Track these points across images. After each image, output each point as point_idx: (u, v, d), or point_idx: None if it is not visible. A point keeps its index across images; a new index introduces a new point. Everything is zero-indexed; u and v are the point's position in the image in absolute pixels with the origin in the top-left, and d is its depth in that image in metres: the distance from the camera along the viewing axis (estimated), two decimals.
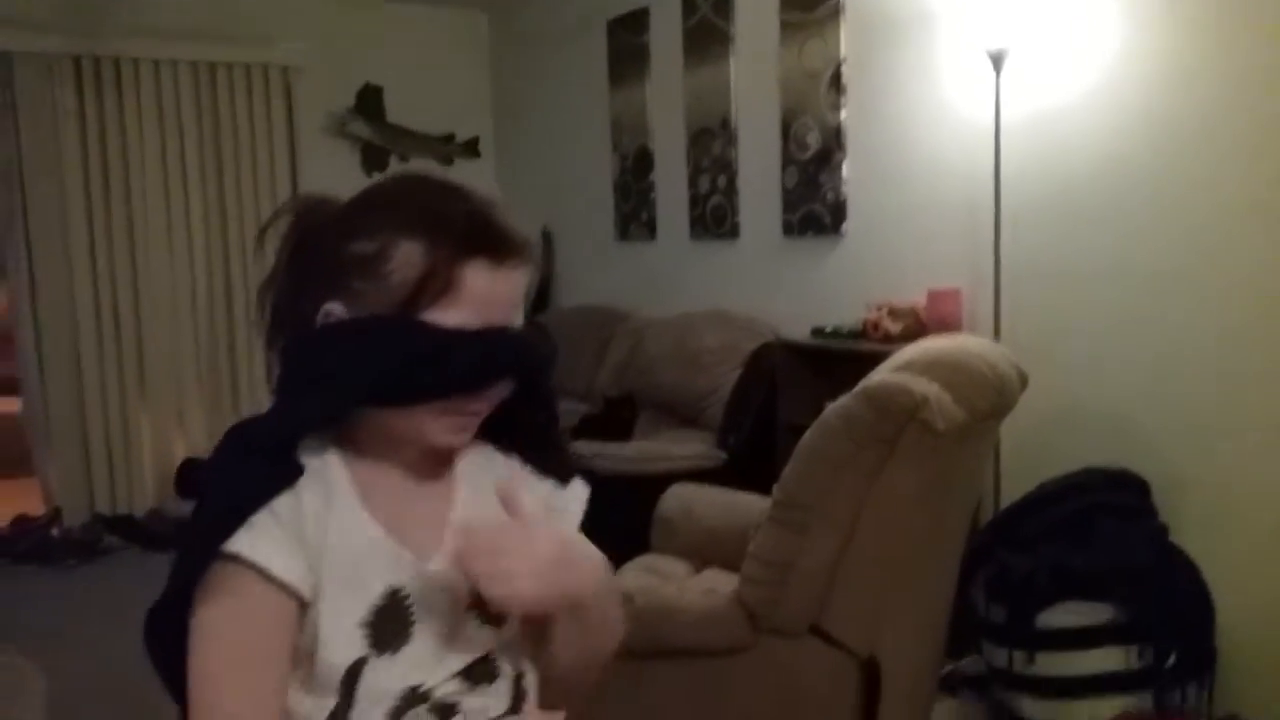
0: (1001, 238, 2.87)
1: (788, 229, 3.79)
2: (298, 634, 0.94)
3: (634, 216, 4.69)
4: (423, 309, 0.93)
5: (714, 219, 4.18)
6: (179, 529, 4.40)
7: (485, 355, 0.95)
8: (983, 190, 2.94)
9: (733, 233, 4.09)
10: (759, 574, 1.96)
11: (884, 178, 3.39)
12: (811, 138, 3.63)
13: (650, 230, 4.59)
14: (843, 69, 3.48)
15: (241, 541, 0.90)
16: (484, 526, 0.96)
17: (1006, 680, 2.43)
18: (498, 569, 0.92)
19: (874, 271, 3.43)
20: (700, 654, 2.01)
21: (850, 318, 3.31)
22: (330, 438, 0.99)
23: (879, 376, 1.98)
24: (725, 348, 3.79)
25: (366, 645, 0.96)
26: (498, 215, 0.98)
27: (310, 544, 0.93)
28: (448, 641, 1.01)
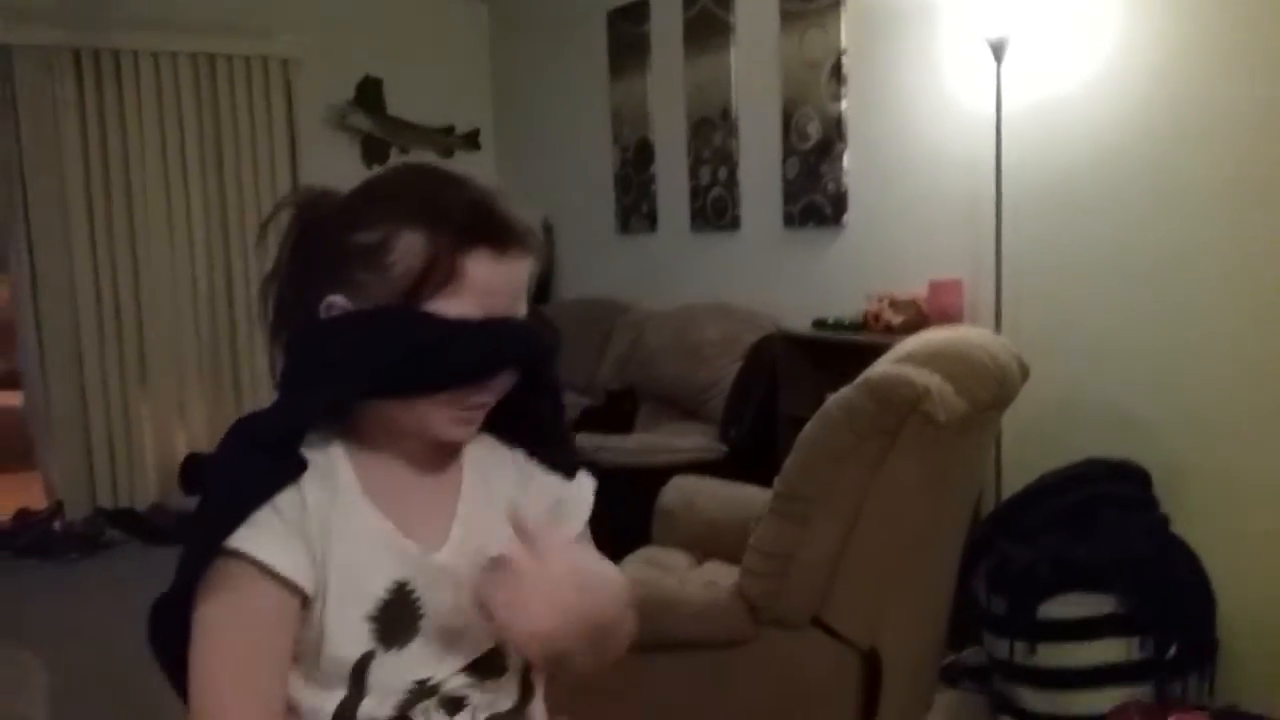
0: (1003, 228, 2.86)
1: (788, 220, 3.78)
2: (301, 629, 0.94)
3: (635, 208, 4.68)
4: (425, 300, 0.93)
5: (715, 211, 4.17)
6: (181, 522, 4.42)
7: (488, 345, 0.95)
8: (984, 180, 2.93)
9: (733, 224, 4.08)
10: (760, 566, 1.96)
11: (885, 168, 3.38)
12: (812, 128, 3.62)
13: (651, 222, 4.58)
14: (843, 59, 3.47)
15: (243, 538, 0.90)
16: (506, 558, 0.93)
17: (1007, 671, 2.43)
18: (516, 599, 0.91)
19: (875, 263, 3.43)
20: (701, 646, 2.01)
21: (851, 309, 3.31)
22: (334, 431, 0.98)
23: (880, 368, 1.98)
24: (726, 340, 3.78)
25: (373, 639, 0.95)
26: (500, 204, 0.97)
27: (314, 539, 0.93)
28: (456, 635, 1.00)
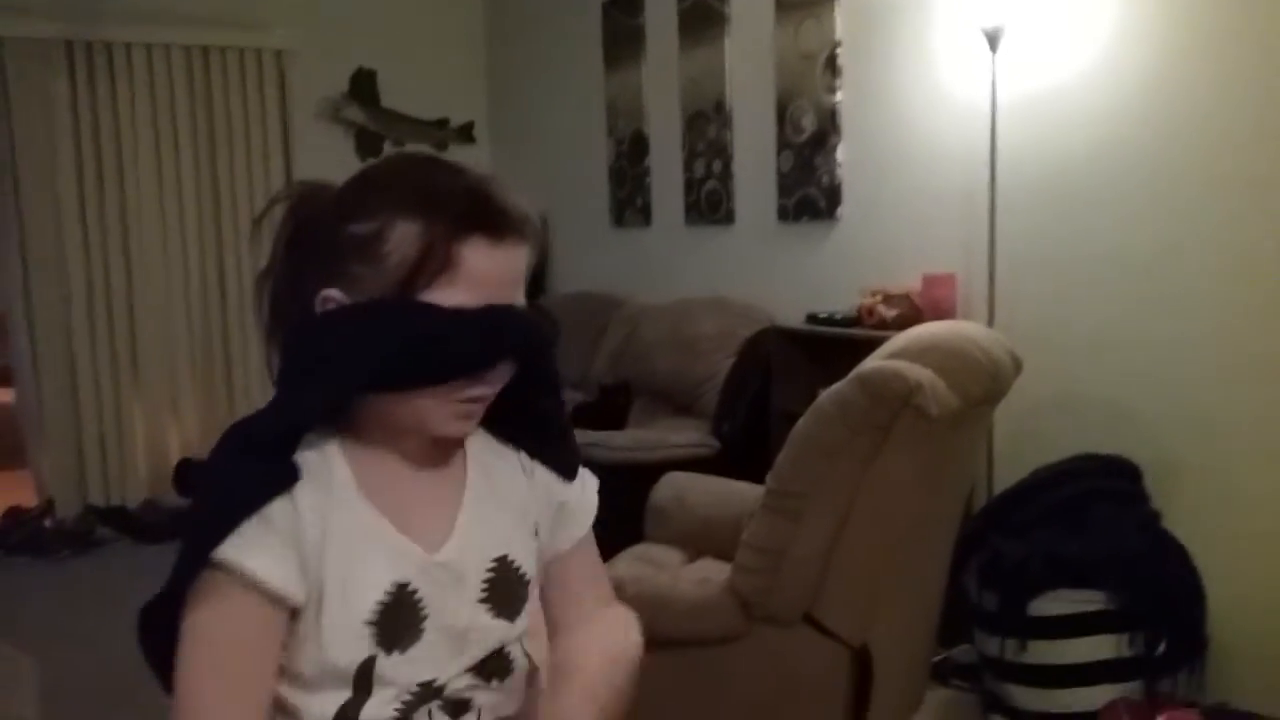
0: (997, 222, 2.85)
1: (783, 214, 3.76)
2: (298, 636, 0.92)
3: (629, 202, 4.66)
4: (421, 290, 0.91)
5: (709, 204, 4.15)
6: (173, 520, 4.41)
7: (486, 335, 0.93)
8: (978, 173, 2.92)
9: (728, 218, 4.06)
10: (753, 562, 1.95)
11: (879, 161, 3.36)
12: (807, 120, 3.61)
13: (645, 216, 4.56)
14: (838, 51, 3.45)
15: (231, 549, 0.88)
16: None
17: (998, 668, 2.42)
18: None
19: (869, 256, 3.41)
20: (694, 643, 2.01)
21: (845, 303, 3.29)
22: (331, 429, 0.97)
23: (873, 362, 1.97)
24: (721, 334, 3.77)
25: (374, 643, 0.94)
26: (496, 191, 0.95)
27: (307, 546, 0.91)
28: (460, 636, 0.99)
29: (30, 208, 4.56)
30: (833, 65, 3.47)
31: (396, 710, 0.95)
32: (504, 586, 1.03)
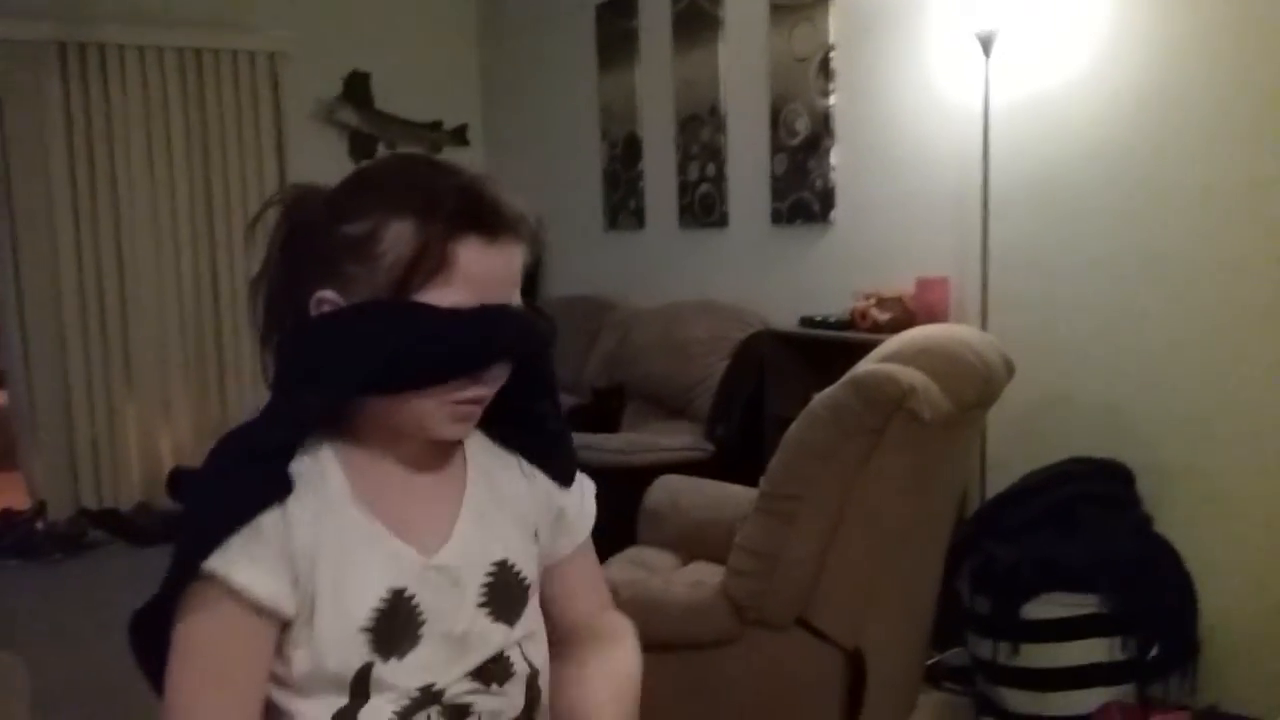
0: (989, 225, 2.85)
1: (776, 217, 3.76)
2: (291, 645, 0.92)
3: (623, 205, 4.67)
4: (416, 290, 0.90)
5: (703, 207, 4.15)
6: (165, 523, 4.40)
7: (482, 334, 0.92)
8: (971, 177, 2.92)
9: (721, 221, 4.06)
10: (746, 565, 1.95)
11: (873, 164, 3.37)
12: (800, 124, 3.61)
13: (639, 219, 4.56)
14: (832, 54, 3.45)
15: (219, 561, 0.88)
16: None
17: (991, 672, 2.43)
18: None
19: (862, 259, 3.41)
20: (687, 647, 2.01)
21: (838, 307, 3.30)
22: (326, 434, 0.96)
23: (866, 366, 1.97)
24: (714, 337, 3.77)
25: (370, 651, 0.93)
26: (490, 190, 0.95)
27: (299, 556, 0.91)
28: (459, 641, 0.98)
29: (23, 210, 4.55)
30: (826, 69, 3.47)
31: (395, 715, 0.95)
32: (503, 591, 1.02)
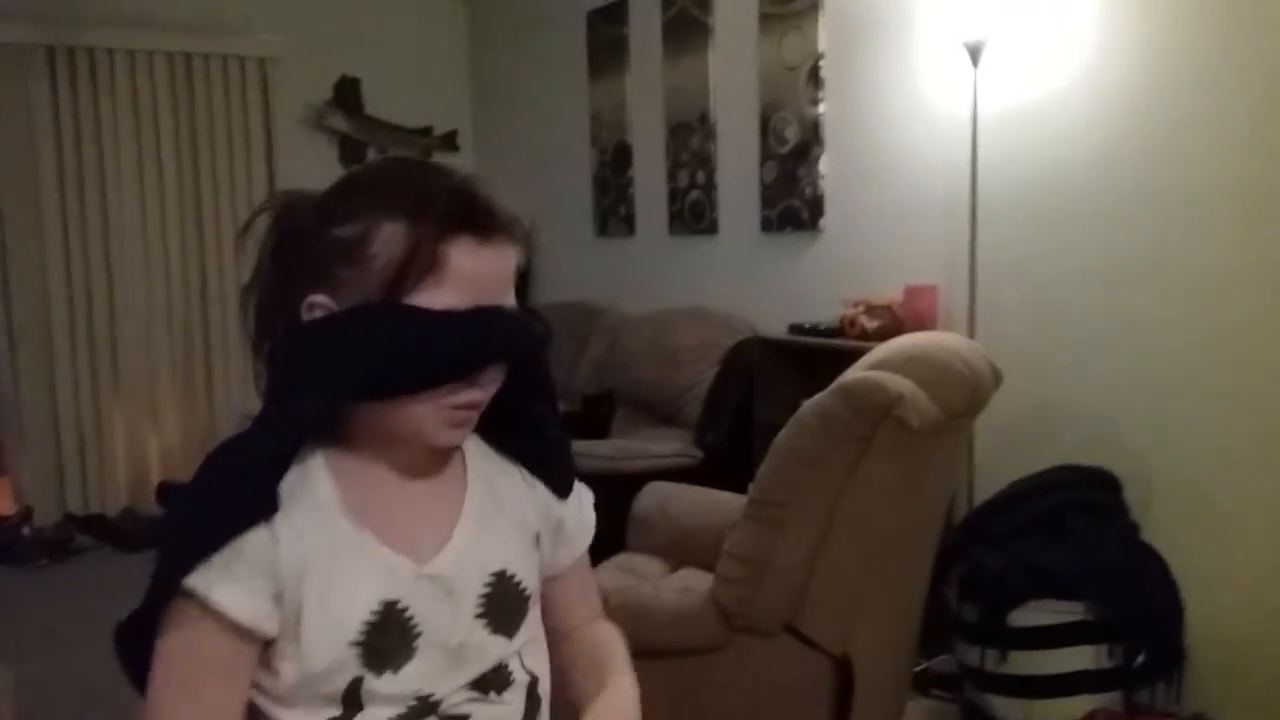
0: (978, 233, 2.87)
1: (766, 225, 3.77)
2: (278, 659, 0.91)
3: (612, 212, 4.67)
4: (408, 292, 0.89)
5: (692, 215, 4.16)
6: (152, 529, 4.37)
7: (476, 336, 0.91)
8: (959, 185, 2.94)
9: (711, 229, 4.07)
10: (734, 572, 1.95)
11: (862, 172, 3.38)
12: (790, 132, 3.62)
13: (629, 226, 4.57)
14: (821, 63, 3.47)
15: (199, 579, 0.86)
16: None
17: (978, 679, 2.43)
18: None
19: (851, 267, 3.43)
20: (675, 654, 2.01)
21: (828, 314, 3.31)
22: (317, 443, 0.94)
23: (855, 373, 1.98)
24: (703, 344, 3.78)
25: (360, 665, 0.91)
26: (482, 190, 0.93)
27: (284, 573, 0.89)
28: (456, 653, 0.97)
29: (10, 214, 4.53)
30: (816, 77, 3.49)
31: None
32: (502, 602, 1.01)
